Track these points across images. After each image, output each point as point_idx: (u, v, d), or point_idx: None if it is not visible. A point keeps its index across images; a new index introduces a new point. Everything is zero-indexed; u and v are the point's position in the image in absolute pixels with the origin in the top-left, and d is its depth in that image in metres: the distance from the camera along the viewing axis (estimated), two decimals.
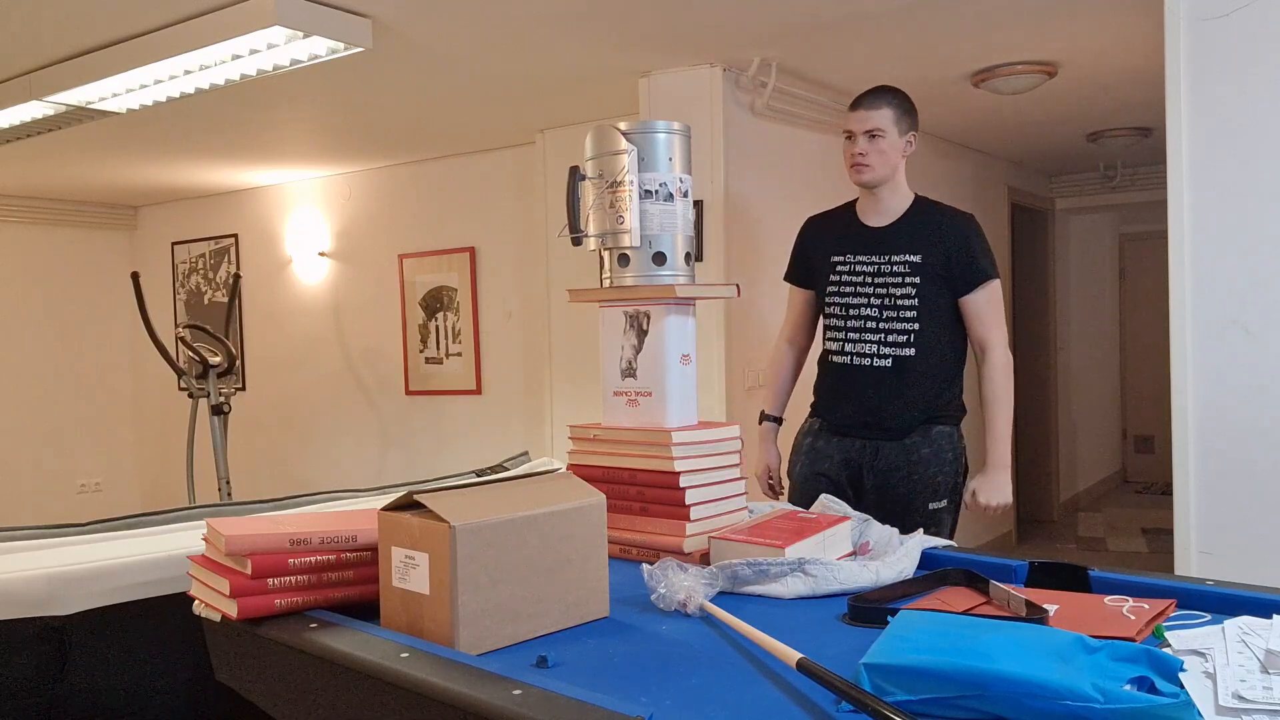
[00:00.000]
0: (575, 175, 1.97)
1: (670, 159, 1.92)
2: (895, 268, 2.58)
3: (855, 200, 2.75)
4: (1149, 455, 8.47)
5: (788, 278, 2.87)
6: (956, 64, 4.01)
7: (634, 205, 1.89)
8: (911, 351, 2.57)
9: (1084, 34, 3.67)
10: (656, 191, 1.91)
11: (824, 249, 2.71)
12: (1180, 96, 2.69)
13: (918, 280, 2.56)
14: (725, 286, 2.12)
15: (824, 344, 2.74)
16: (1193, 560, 2.69)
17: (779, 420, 2.85)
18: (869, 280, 2.61)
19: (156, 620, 1.71)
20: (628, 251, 1.92)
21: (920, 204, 2.64)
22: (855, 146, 2.55)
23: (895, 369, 2.58)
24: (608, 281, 1.97)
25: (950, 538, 2.55)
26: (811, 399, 2.83)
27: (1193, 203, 2.69)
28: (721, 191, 3.85)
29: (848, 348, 2.64)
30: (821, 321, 2.79)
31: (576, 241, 1.98)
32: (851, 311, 2.64)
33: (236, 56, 3.29)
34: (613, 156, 1.90)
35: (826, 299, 2.69)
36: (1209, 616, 1.34)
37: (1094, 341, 7.97)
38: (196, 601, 1.49)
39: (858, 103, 2.58)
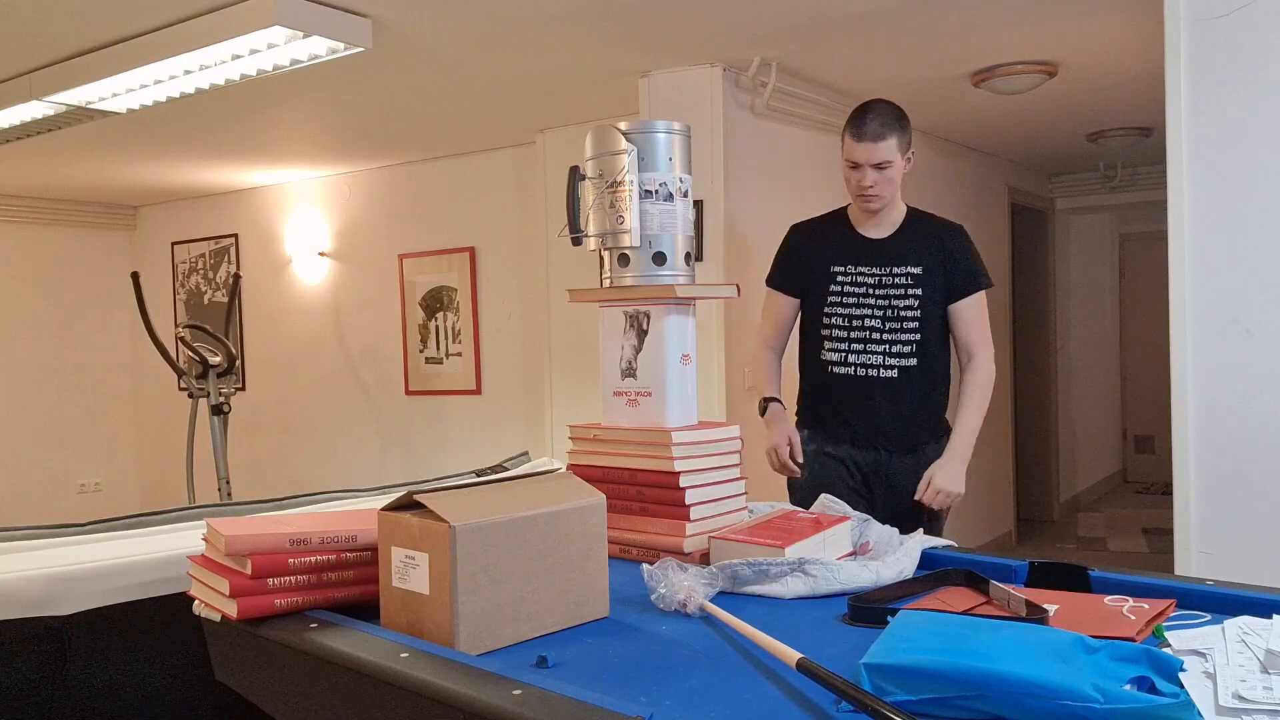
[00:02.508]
0: (575, 175, 1.97)
1: (670, 159, 1.92)
2: (898, 279, 2.60)
3: (844, 209, 2.74)
4: (1149, 455, 8.47)
5: (773, 283, 2.82)
6: (956, 64, 4.01)
7: (634, 205, 1.89)
8: (914, 362, 2.61)
9: (1084, 34, 3.67)
10: (656, 191, 1.91)
11: (822, 258, 2.69)
12: (1180, 96, 2.69)
13: (920, 292, 2.59)
14: (725, 286, 2.12)
15: (819, 354, 2.71)
16: (1193, 560, 2.69)
17: (782, 403, 2.79)
18: (871, 291, 2.62)
19: (156, 620, 1.71)
20: (628, 251, 1.92)
21: (914, 215, 2.68)
22: (864, 179, 2.55)
23: (901, 379, 2.61)
24: (608, 281, 1.97)
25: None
26: (796, 409, 2.81)
27: (1193, 203, 2.69)
28: (721, 191, 3.85)
29: (851, 359, 2.65)
30: (808, 330, 2.76)
31: (576, 241, 1.98)
32: (855, 322, 2.64)
33: (236, 56, 3.29)
34: (613, 156, 1.90)
35: (826, 309, 2.68)
36: (1209, 616, 1.34)
37: (1094, 341, 7.97)
38: (196, 601, 1.49)
39: (860, 133, 2.53)
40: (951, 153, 5.65)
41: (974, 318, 2.62)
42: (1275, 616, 1.25)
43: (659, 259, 1.92)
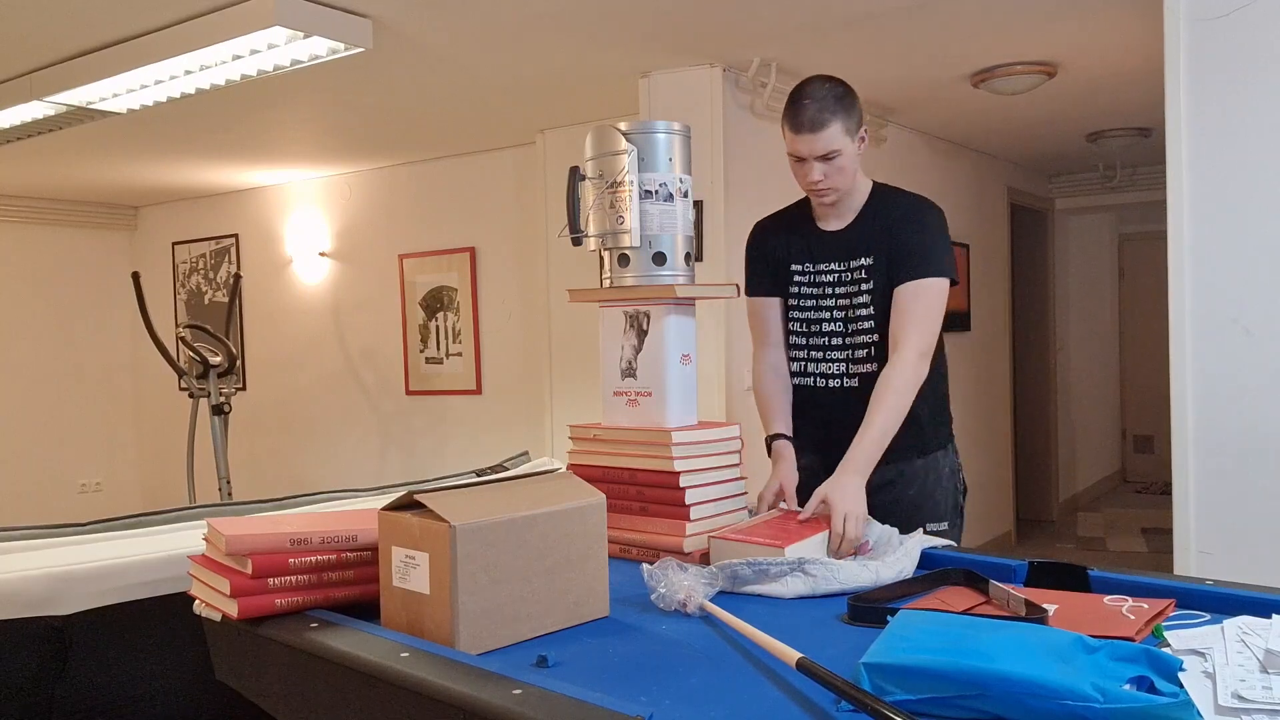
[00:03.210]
0: (575, 175, 1.97)
1: (670, 159, 1.93)
2: (855, 274, 2.25)
3: (807, 198, 2.38)
4: (1149, 455, 8.47)
5: (750, 291, 2.41)
6: (956, 64, 4.01)
7: (634, 205, 1.89)
8: (874, 367, 2.21)
9: (1084, 34, 3.67)
10: (656, 191, 1.91)
11: (782, 257, 2.35)
12: (1180, 96, 2.69)
13: (871, 285, 2.21)
14: (725, 286, 2.12)
15: (789, 362, 2.39)
16: (1192, 560, 2.69)
17: (791, 439, 2.29)
18: (830, 291, 2.28)
19: (156, 620, 1.71)
20: (628, 251, 1.92)
21: (877, 194, 2.29)
22: (811, 174, 2.17)
23: (861, 389, 2.20)
24: (608, 281, 1.97)
25: None
26: None
27: (1193, 203, 2.69)
28: (721, 191, 3.85)
29: (809, 368, 2.32)
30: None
31: (576, 241, 1.98)
32: (813, 328, 2.31)
33: (237, 57, 3.29)
34: (613, 156, 1.90)
35: (789, 314, 2.36)
36: (1208, 616, 1.34)
37: (1094, 341, 7.98)
38: (197, 601, 1.49)
39: (798, 123, 2.14)
40: (951, 153, 5.65)
41: (907, 307, 2.14)
42: (1275, 616, 1.25)
43: (659, 259, 1.92)
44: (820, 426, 2.27)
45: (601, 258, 1.99)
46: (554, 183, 4.75)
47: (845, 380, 2.27)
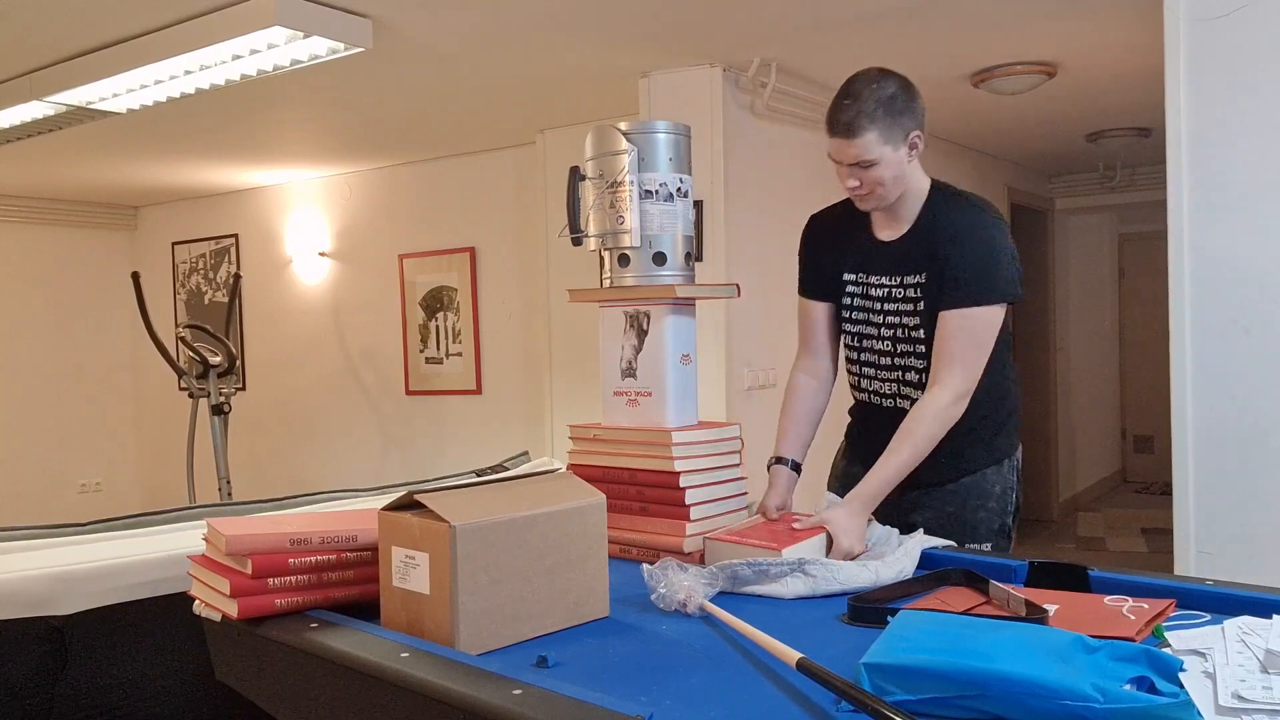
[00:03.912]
0: (575, 175, 1.97)
1: (670, 159, 1.93)
2: (907, 291, 2.08)
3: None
4: (1149, 455, 8.47)
5: (800, 290, 2.28)
6: (956, 64, 4.01)
7: (634, 205, 1.89)
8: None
9: (1084, 34, 3.67)
10: (656, 191, 1.91)
11: (833, 261, 2.20)
12: (1180, 96, 2.69)
13: (923, 307, 2.05)
14: (725, 286, 2.12)
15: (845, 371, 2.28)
16: (1192, 560, 2.69)
17: (793, 465, 2.15)
18: (880, 306, 2.13)
19: (156, 620, 1.71)
20: (628, 251, 1.92)
21: (932, 201, 2.10)
22: (846, 180, 2.05)
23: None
24: (608, 281, 1.97)
25: None
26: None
27: (1192, 203, 2.68)
28: (721, 191, 3.85)
29: (864, 384, 2.21)
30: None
31: (576, 241, 1.98)
32: (864, 344, 2.17)
33: (237, 57, 3.29)
34: (613, 156, 1.90)
35: (842, 325, 2.21)
36: (1209, 616, 1.34)
37: (1094, 341, 7.98)
38: (197, 601, 1.49)
39: (832, 124, 2.03)
40: (951, 153, 5.65)
41: (950, 335, 1.98)
42: (1275, 616, 1.25)
43: (659, 259, 1.92)
44: (873, 441, 2.07)
45: (601, 258, 1.99)
46: (554, 183, 4.75)
47: (898, 400, 2.13)
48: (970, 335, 1.99)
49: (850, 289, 2.17)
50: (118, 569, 1.67)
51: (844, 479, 2.24)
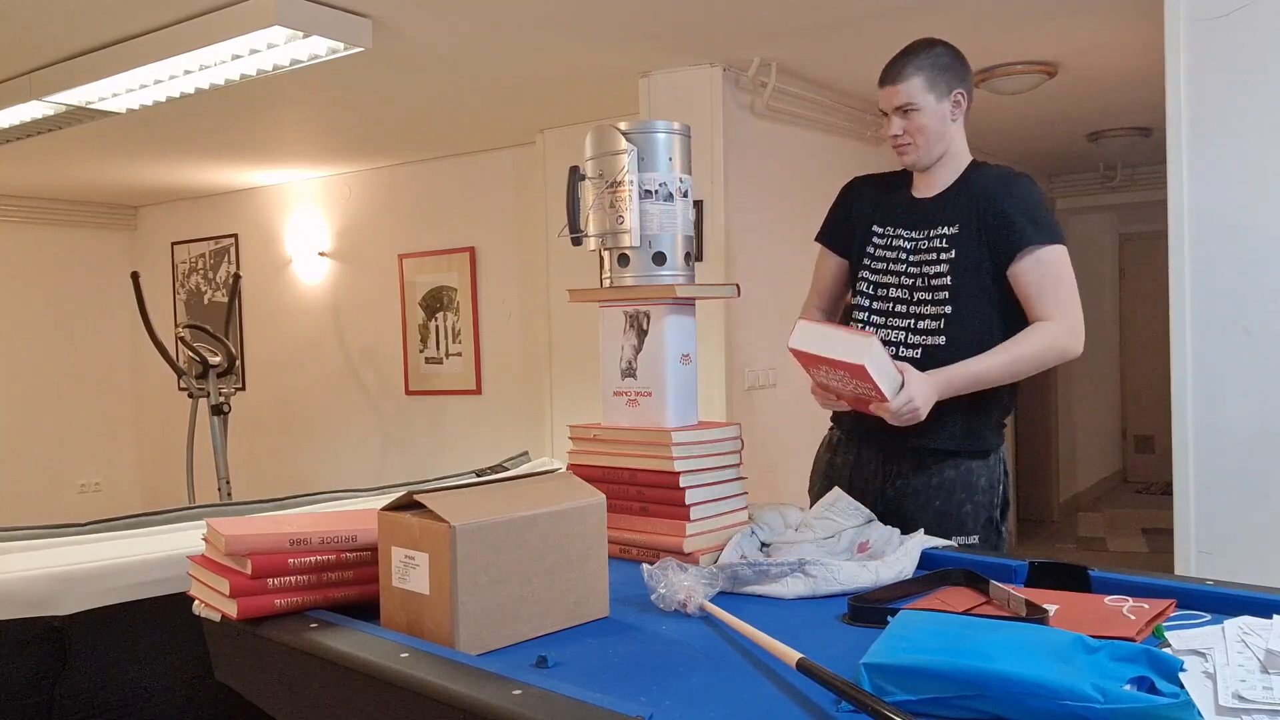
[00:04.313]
0: (575, 175, 1.97)
1: (670, 159, 1.93)
2: (933, 242, 2.18)
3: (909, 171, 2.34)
4: (1149, 455, 8.47)
5: (819, 237, 2.41)
6: None
7: (634, 205, 1.89)
8: (942, 340, 2.12)
9: (1084, 34, 3.67)
10: (656, 191, 1.91)
11: (866, 215, 2.31)
12: (1180, 96, 2.69)
13: (953, 254, 2.13)
14: (725, 286, 2.12)
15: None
16: (1193, 560, 2.69)
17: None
18: (904, 257, 2.21)
19: (156, 620, 1.71)
20: (628, 251, 1.92)
21: (972, 169, 2.22)
22: (891, 128, 2.19)
23: (925, 361, 2.11)
24: (608, 281, 1.97)
25: None
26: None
27: (1193, 203, 2.68)
28: (721, 191, 3.85)
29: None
30: (850, 302, 2.36)
31: (576, 241, 1.98)
32: (880, 291, 2.23)
33: (236, 56, 3.29)
34: (613, 156, 1.90)
35: (859, 274, 2.28)
36: (1209, 616, 1.34)
37: (1094, 341, 7.94)
38: (196, 601, 1.49)
39: (883, 76, 2.20)
40: None
41: (1037, 281, 2.06)
42: (1275, 616, 1.25)
43: (659, 259, 1.92)
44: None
45: (601, 258, 1.99)
46: (554, 183, 4.75)
47: (903, 349, 2.16)
48: (1055, 277, 2.08)
49: (876, 239, 2.26)
50: (118, 569, 1.67)
51: (826, 470, 2.32)
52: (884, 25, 3.47)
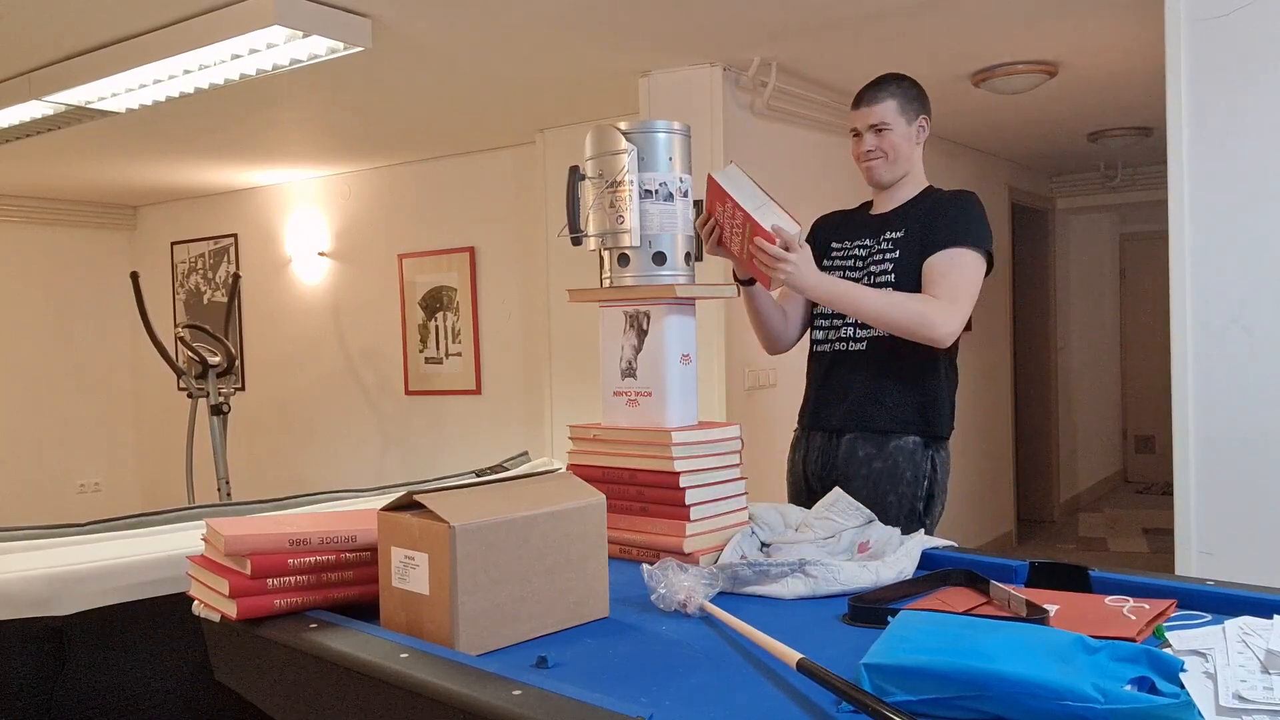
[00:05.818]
0: (575, 175, 1.96)
1: (670, 159, 1.92)
2: (882, 245, 2.39)
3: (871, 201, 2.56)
4: (1149, 455, 8.47)
5: None
6: (956, 64, 4.01)
7: (634, 205, 1.89)
8: (883, 332, 2.31)
9: (1084, 34, 3.67)
10: (656, 191, 1.91)
11: (828, 235, 2.53)
12: (1180, 96, 2.69)
13: (897, 254, 2.34)
14: (725, 286, 2.12)
15: (810, 345, 2.53)
16: (1193, 560, 2.69)
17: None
18: (858, 265, 2.42)
19: (156, 621, 1.71)
20: (628, 251, 1.92)
21: (928, 191, 2.45)
22: (863, 144, 2.41)
23: (870, 351, 2.35)
24: (608, 281, 1.97)
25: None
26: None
27: (1193, 203, 2.68)
28: None
29: (830, 335, 2.45)
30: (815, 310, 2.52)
31: (576, 241, 1.98)
32: None
33: (236, 56, 3.29)
34: (612, 156, 1.90)
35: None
36: (1209, 616, 1.34)
37: (1094, 341, 7.98)
38: (196, 602, 1.49)
39: (858, 99, 2.43)
40: (952, 152, 5.65)
41: (942, 269, 2.25)
42: (1276, 616, 1.24)
43: (659, 259, 1.92)
44: (838, 396, 2.40)
45: (601, 258, 1.99)
46: (554, 182, 4.75)
47: (852, 344, 2.39)
48: (958, 273, 2.26)
49: (835, 251, 2.49)
50: (117, 569, 1.67)
51: (790, 469, 2.52)
52: (884, 25, 3.47)
